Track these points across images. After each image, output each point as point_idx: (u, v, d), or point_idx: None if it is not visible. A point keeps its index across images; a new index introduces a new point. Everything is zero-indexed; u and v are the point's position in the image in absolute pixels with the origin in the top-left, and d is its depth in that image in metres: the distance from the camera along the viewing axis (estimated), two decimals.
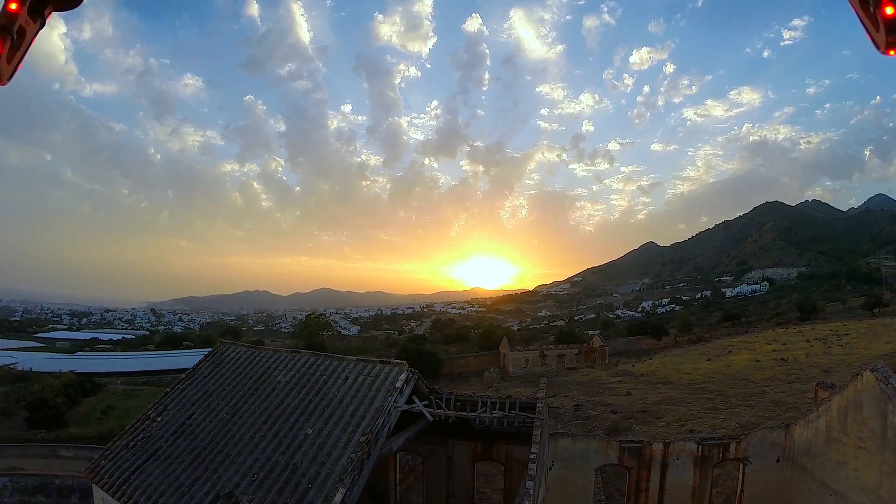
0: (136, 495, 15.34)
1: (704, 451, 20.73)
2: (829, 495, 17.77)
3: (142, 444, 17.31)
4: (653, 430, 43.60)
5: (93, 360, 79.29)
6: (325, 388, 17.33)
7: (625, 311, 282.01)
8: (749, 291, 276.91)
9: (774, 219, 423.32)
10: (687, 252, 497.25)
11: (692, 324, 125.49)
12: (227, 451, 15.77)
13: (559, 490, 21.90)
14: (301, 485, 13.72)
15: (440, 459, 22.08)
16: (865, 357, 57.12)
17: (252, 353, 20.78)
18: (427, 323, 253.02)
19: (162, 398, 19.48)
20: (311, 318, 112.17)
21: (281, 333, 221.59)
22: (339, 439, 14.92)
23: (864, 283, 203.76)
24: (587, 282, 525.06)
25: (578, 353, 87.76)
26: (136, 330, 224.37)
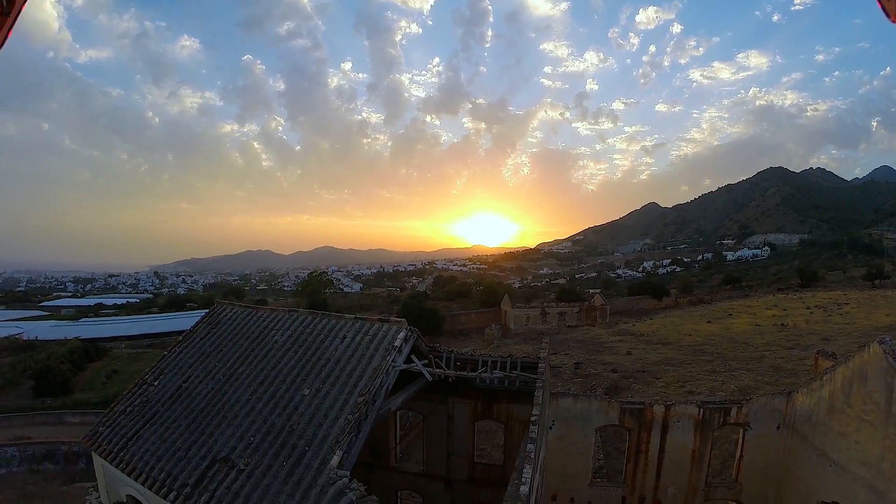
0: (133, 461, 15.17)
1: (706, 414, 20.52)
2: (828, 466, 17.60)
3: (139, 409, 17.06)
4: (652, 391, 43.82)
5: (97, 326, 79.40)
6: (323, 347, 16.93)
7: (626, 270, 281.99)
8: (750, 256, 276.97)
9: (778, 184, 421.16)
10: (689, 214, 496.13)
11: (693, 285, 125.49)
12: (224, 413, 15.51)
13: (559, 450, 21.83)
14: (298, 447, 13.48)
15: (440, 418, 21.84)
16: (865, 328, 57.39)
17: (249, 314, 20.31)
18: (429, 280, 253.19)
19: (159, 361, 19.07)
20: (312, 277, 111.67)
21: (283, 292, 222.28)
22: (337, 400, 14.62)
23: (866, 253, 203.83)
24: (589, 240, 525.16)
25: (579, 312, 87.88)
26: (139, 294, 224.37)
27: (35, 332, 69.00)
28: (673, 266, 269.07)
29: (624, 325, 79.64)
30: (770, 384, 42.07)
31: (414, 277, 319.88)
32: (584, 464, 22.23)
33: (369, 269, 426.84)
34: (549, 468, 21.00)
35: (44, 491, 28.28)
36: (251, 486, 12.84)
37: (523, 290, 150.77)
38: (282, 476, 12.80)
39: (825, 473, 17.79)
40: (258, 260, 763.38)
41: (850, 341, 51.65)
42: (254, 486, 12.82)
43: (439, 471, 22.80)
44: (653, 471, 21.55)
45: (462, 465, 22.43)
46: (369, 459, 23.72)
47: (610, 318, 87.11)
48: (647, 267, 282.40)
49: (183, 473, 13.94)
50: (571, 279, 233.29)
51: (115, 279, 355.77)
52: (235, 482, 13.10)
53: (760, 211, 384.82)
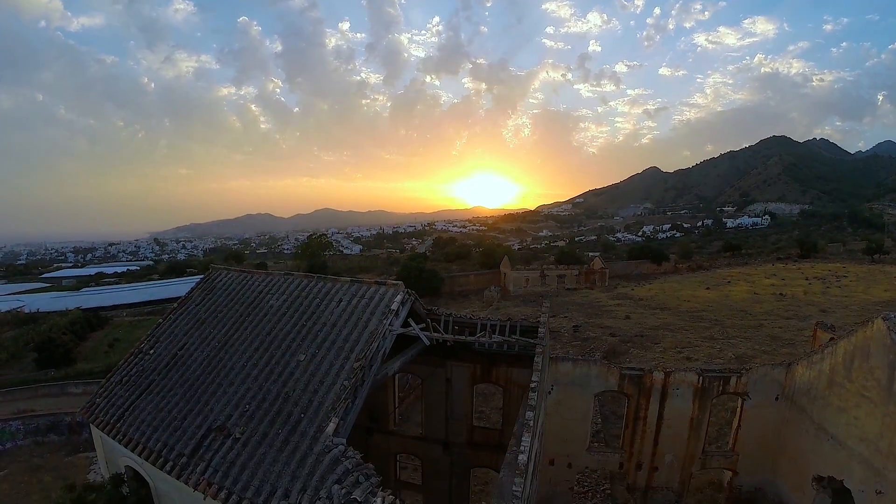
0: (130, 432, 14.96)
1: (705, 383, 20.41)
2: (826, 440, 17.51)
3: (135, 378, 16.81)
4: (650, 356, 43.99)
5: (98, 295, 79.34)
6: (318, 311, 16.58)
7: (625, 234, 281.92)
8: (750, 224, 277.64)
9: (781, 153, 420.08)
10: (690, 179, 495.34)
11: (692, 251, 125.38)
12: (219, 381, 15.26)
13: (558, 414, 21.78)
14: (293, 415, 13.26)
15: (439, 381, 21.73)
16: (864, 302, 57.55)
17: (244, 278, 19.89)
18: (428, 241, 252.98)
19: (154, 329, 18.77)
20: (312, 239, 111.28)
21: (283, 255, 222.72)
22: (333, 365, 14.34)
23: (866, 227, 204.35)
24: (589, 203, 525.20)
25: (579, 275, 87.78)
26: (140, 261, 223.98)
27: (36, 304, 69.01)
28: (673, 231, 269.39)
29: (623, 289, 79.72)
30: (767, 353, 42.28)
31: (414, 239, 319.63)
32: (582, 429, 22.23)
33: (369, 230, 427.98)
34: (547, 433, 20.99)
35: (49, 463, 28.50)
36: (247, 454, 12.66)
37: (523, 252, 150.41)
38: (277, 444, 12.61)
39: (822, 447, 17.71)
40: (258, 223, 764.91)
41: (848, 314, 51.96)
42: (249, 454, 12.64)
43: (438, 434, 22.82)
44: (651, 438, 21.55)
45: (460, 428, 22.41)
46: (368, 423, 23.72)
47: (609, 281, 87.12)
48: (646, 231, 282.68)
49: (179, 443, 13.77)
50: (571, 242, 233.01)
51: (116, 248, 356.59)
52: (231, 451, 12.93)
53: (762, 179, 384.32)
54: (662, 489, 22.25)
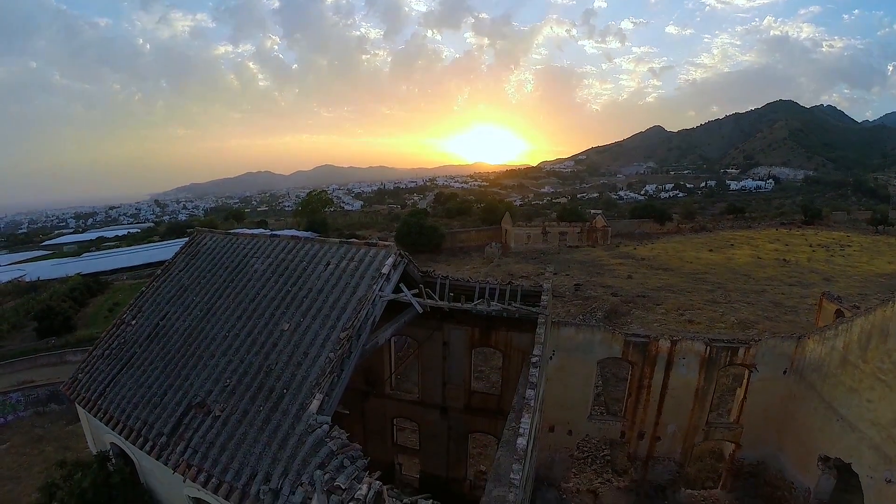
0: (111, 410, 14.32)
1: (712, 353, 19.50)
2: (835, 420, 16.74)
3: (116, 352, 16.03)
4: (652, 317, 43.47)
5: (99, 260, 78.56)
6: (305, 276, 15.63)
7: (628, 192, 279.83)
8: (754, 187, 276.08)
9: (787, 118, 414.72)
10: (694, 140, 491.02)
11: (695, 212, 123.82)
12: (200, 353, 14.46)
13: (559, 380, 21.02)
14: (275, 390, 12.47)
15: (436, 344, 20.98)
16: (867, 273, 56.82)
17: (229, 241, 18.89)
18: (429, 197, 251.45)
19: (137, 298, 17.93)
20: (312, 196, 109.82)
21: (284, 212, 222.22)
22: (318, 335, 13.45)
23: (870, 197, 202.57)
24: (591, 161, 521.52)
25: (581, 232, 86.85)
26: (141, 224, 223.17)
27: (37, 272, 68.31)
28: (675, 191, 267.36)
29: (625, 248, 78.89)
30: (770, 319, 41.71)
31: (415, 194, 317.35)
32: (583, 396, 21.49)
33: (370, 186, 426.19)
34: (547, 399, 20.29)
35: (50, 433, 28.34)
36: (226, 434, 11.98)
37: (524, 208, 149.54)
38: (258, 423, 11.88)
39: (831, 427, 16.97)
40: (258, 181, 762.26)
41: (852, 284, 51.27)
42: (229, 434, 11.95)
43: (435, 399, 22.31)
44: (654, 407, 20.82)
45: (458, 393, 21.85)
46: (364, 387, 23.18)
47: (611, 240, 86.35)
48: (649, 190, 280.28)
49: (159, 421, 13.14)
50: (573, 199, 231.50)
51: (116, 211, 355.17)
52: (210, 430, 12.25)
53: (767, 143, 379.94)
54: (664, 459, 21.67)
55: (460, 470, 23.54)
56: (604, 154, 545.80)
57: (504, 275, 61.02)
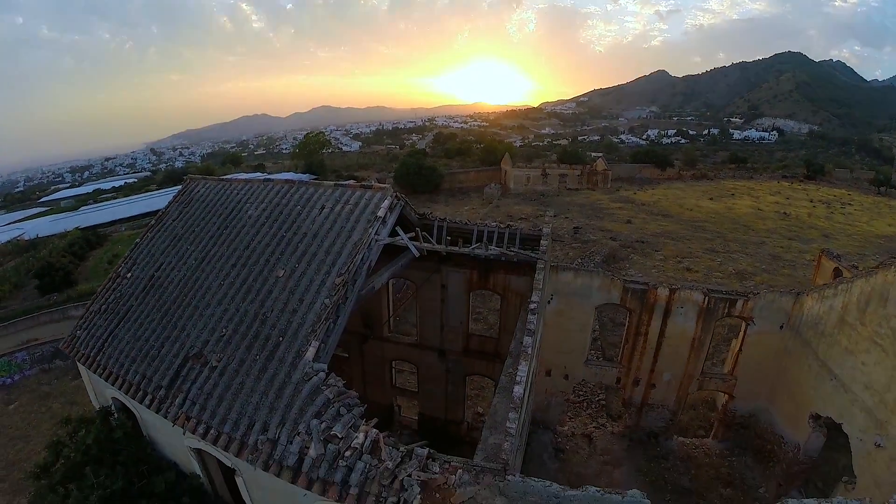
0: (109, 365, 14.20)
1: (710, 303, 19.36)
2: (829, 379, 16.66)
3: (113, 306, 15.76)
4: (650, 263, 43.46)
5: (96, 212, 76.52)
6: (299, 220, 15.23)
7: (629, 136, 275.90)
8: (757, 137, 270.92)
9: (794, 70, 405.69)
10: (699, 86, 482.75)
11: (697, 159, 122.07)
12: (195, 303, 14.21)
13: (556, 325, 20.99)
14: (271, 338, 12.28)
15: (434, 287, 20.89)
16: (867, 233, 56.35)
17: (222, 187, 18.36)
18: (429, 137, 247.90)
19: (131, 250, 17.55)
20: (309, 137, 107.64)
21: (282, 155, 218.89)
22: (313, 281, 13.18)
23: (874, 157, 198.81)
24: (593, 103, 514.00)
25: (581, 175, 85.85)
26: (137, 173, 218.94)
27: (36, 229, 66.97)
28: (678, 137, 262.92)
29: (625, 193, 78.27)
30: (767, 272, 41.75)
31: (414, 135, 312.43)
32: (581, 341, 21.52)
33: (368, 127, 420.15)
34: (544, 343, 20.29)
35: (56, 389, 28.43)
36: (223, 384, 11.88)
37: (524, 149, 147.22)
38: (254, 373, 11.76)
39: (824, 386, 16.92)
40: (255, 125, 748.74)
41: (851, 243, 51.07)
42: (226, 384, 11.85)
43: (433, 342, 22.39)
44: (650, 355, 20.86)
45: (456, 336, 21.91)
46: (362, 330, 23.20)
47: (611, 183, 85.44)
48: (651, 135, 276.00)
49: (157, 374, 13.03)
50: (574, 141, 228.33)
51: (112, 162, 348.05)
52: (208, 381, 12.15)
53: (773, 94, 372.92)
54: (658, 406, 21.87)
55: (458, 412, 23.88)
56: (606, 97, 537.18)
57: (503, 216, 60.73)
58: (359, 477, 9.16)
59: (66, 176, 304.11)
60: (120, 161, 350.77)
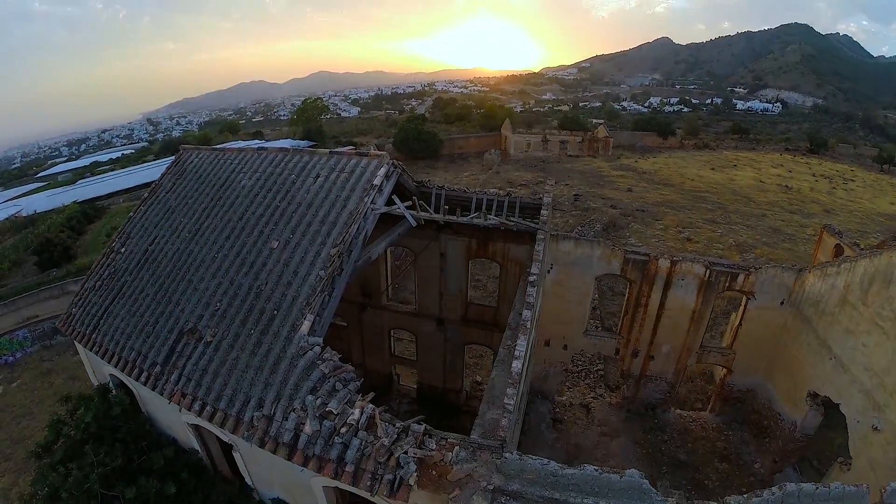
0: (105, 343, 14.00)
1: (712, 276, 19.11)
2: (828, 358, 16.47)
3: (107, 282, 15.48)
4: (651, 232, 43.33)
5: (93, 185, 75.36)
6: (294, 190, 14.82)
7: (631, 103, 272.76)
8: (760, 108, 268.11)
9: (801, 42, 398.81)
10: (703, 55, 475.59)
11: (699, 129, 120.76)
12: (189, 277, 13.92)
13: (556, 295, 20.82)
14: (266, 312, 12.02)
15: (432, 255, 20.63)
16: (868, 210, 56.00)
17: (216, 157, 17.87)
18: (428, 102, 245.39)
19: (125, 224, 17.16)
20: (307, 103, 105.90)
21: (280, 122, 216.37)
22: (308, 252, 12.86)
23: (878, 134, 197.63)
24: (595, 69, 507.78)
25: (582, 142, 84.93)
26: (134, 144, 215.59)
27: (33, 205, 66.13)
28: (680, 105, 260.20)
29: (626, 160, 77.72)
30: (768, 245, 41.64)
31: (413, 99, 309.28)
32: (580, 312, 21.37)
33: (367, 92, 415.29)
34: (543, 313, 20.12)
35: (58, 365, 28.37)
36: (218, 360, 11.69)
37: (525, 115, 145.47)
38: (249, 347, 11.55)
39: (823, 365, 16.74)
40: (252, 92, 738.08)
41: (852, 220, 50.80)
42: (221, 360, 11.66)
43: (431, 310, 22.24)
44: (650, 327, 20.73)
45: (455, 305, 21.74)
46: (361, 298, 23.06)
47: (612, 151, 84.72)
48: (653, 103, 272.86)
49: (152, 351, 12.83)
50: (575, 107, 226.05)
51: (109, 134, 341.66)
52: (203, 357, 11.96)
53: (778, 65, 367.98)
54: (656, 378, 21.83)
55: (457, 381, 23.87)
56: (608, 63, 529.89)
57: (503, 182, 60.51)
58: (355, 454, 9.03)
59: (62, 150, 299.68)
60: (117, 133, 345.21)
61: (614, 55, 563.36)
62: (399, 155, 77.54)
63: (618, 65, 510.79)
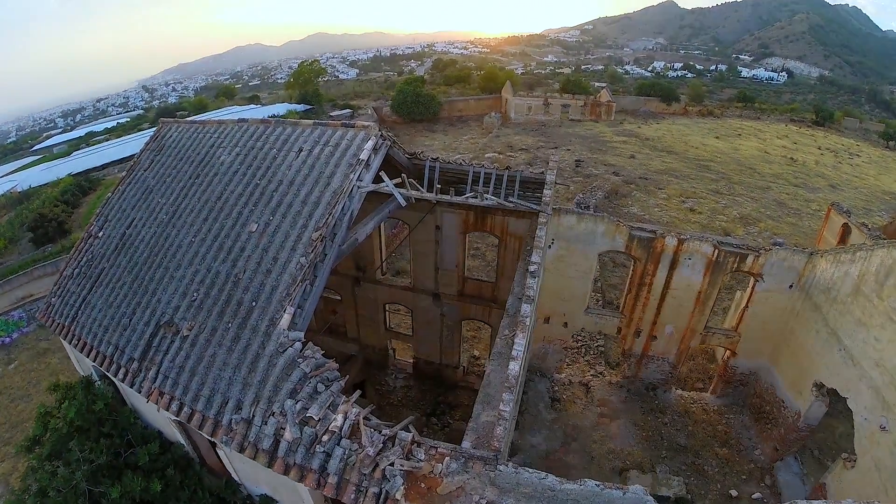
0: (83, 335, 13.16)
1: (720, 257, 18.26)
2: (837, 350, 15.61)
3: (85, 269, 14.51)
4: (653, 202, 42.62)
5: (88, 157, 73.28)
6: (274, 166, 13.70)
7: (634, 67, 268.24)
8: (766, 77, 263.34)
9: (809, 12, 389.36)
10: (708, 20, 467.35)
11: (703, 95, 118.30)
12: (166, 264, 12.94)
13: (557, 271, 20.09)
14: (244, 303, 11.11)
15: (428, 228, 19.93)
16: (874, 188, 54.70)
17: (195, 131, 16.59)
18: (427, 63, 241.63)
19: (103, 206, 16.10)
20: (303, 66, 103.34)
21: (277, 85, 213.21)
22: (288, 236, 11.85)
23: (884, 109, 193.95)
24: (598, 31, 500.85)
25: (584, 106, 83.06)
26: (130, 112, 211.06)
27: (28, 180, 64.48)
28: (684, 71, 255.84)
29: (629, 126, 76.06)
30: (772, 219, 40.84)
31: (412, 61, 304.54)
32: (582, 289, 20.62)
33: (365, 53, 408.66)
34: (544, 289, 19.47)
35: (54, 344, 27.82)
36: (195, 357, 10.85)
37: (526, 77, 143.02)
38: (227, 343, 10.70)
39: (831, 356, 15.92)
40: (249, 55, 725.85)
41: (858, 197, 49.72)
42: (198, 356, 10.81)
43: (427, 285, 21.70)
44: (654, 306, 20.01)
45: (451, 279, 21.18)
46: (354, 272, 22.50)
47: (615, 115, 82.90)
48: (657, 67, 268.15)
49: (129, 345, 11.98)
50: (577, 69, 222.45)
51: (104, 103, 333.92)
52: (180, 353, 11.13)
53: (784, 34, 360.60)
54: (658, 359, 21.22)
55: (454, 356, 23.45)
56: (611, 26, 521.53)
57: (503, 147, 59.45)
58: (338, 464, 8.32)
59: (58, 121, 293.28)
60: (112, 101, 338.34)
61: (618, 18, 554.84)
62: (397, 118, 76.09)
63: (621, 27, 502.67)
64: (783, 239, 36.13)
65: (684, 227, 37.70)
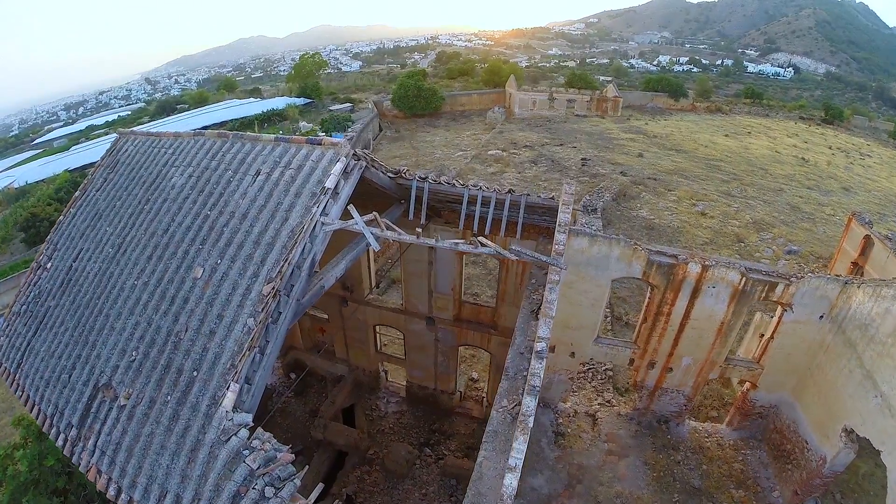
0: (27, 387, 11.41)
1: (747, 285, 16.24)
2: (873, 395, 13.60)
3: (32, 307, 12.68)
4: (663, 204, 41.58)
5: (86, 151, 71.55)
6: (227, 193, 11.48)
7: (640, 61, 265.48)
8: (772, 73, 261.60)
9: (815, 6, 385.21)
10: (714, 14, 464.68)
11: (711, 90, 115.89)
12: (107, 311, 10.99)
13: (565, 297, 17.76)
14: (184, 372, 9.18)
15: (420, 248, 18.02)
16: (887, 190, 53.18)
17: (150, 145, 14.30)
18: (431, 55, 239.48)
19: (54, 231, 14.17)
20: (305, 58, 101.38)
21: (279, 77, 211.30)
22: (237, 286, 9.84)
23: (891, 107, 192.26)
24: (603, 24, 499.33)
25: (590, 101, 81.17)
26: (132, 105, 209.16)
27: (25, 175, 62.86)
28: (690, 65, 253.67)
29: (636, 122, 74.40)
30: (786, 224, 39.24)
31: (416, 53, 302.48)
32: (592, 318, 18.51)
33: (369, 46, 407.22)
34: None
35: None
36: (132, 433, 9.03)
37: (531, 70, 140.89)
38: (165, 420, 8.84)
39: (866, 401, 13.88)
40: (252, 47, 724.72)
41: (871, 200, 48.23)
42: (135, 433, 9.00)
43: (420, 308, 20.08)
44: (671, 337, 17.97)
45: (447, 303, 19.55)
46: (341, 291, 20.76)
47: (621, 111, 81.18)
48: (662, 62, 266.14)
49: (68, 407, 10.21)
50: (582, 63, 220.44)
51: (107, 95, 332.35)
52: (117, 425, 9.32)
53: (791, 29, 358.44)
54: (672, 391, 19.33)
55: (449, 382, 21.97)
56: (617, 19, 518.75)
57: (507, 143, 58.12)
58: None
59: (60, 114, 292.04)
60: (114, 94, 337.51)
61: (622, 11, 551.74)
62: (398, 113, 74.50)
63: (626, 21, 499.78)
64: (798, 247, 34.54)
65: (696, 234, 36.22)
